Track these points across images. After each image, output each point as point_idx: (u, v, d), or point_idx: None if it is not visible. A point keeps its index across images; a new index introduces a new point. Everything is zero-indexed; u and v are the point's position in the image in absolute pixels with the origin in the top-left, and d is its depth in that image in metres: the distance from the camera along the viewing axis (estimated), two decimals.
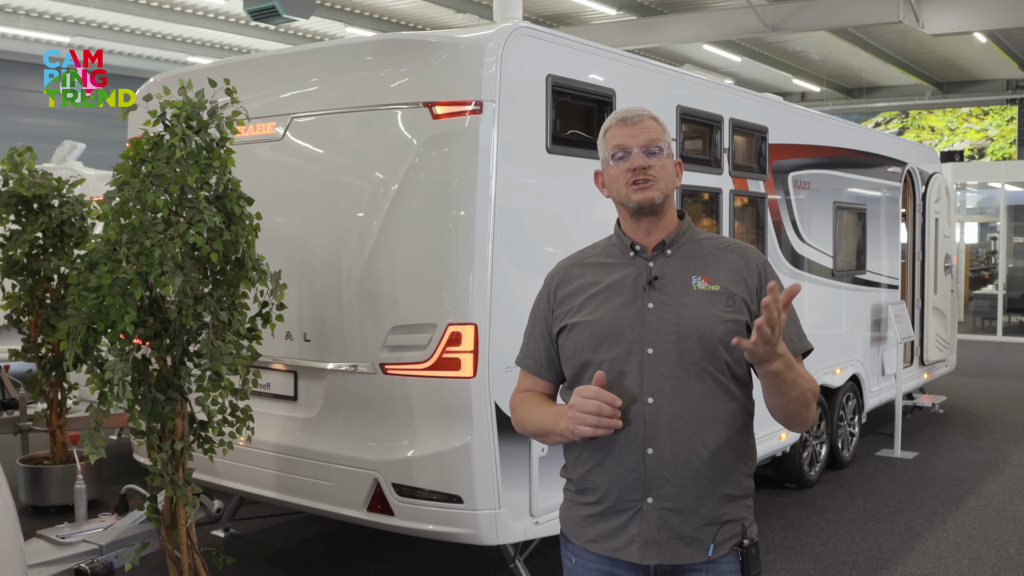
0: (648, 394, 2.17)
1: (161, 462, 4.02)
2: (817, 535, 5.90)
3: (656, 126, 2.30)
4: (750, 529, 2.26)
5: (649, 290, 2.23)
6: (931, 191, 9.30)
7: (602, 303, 2.26)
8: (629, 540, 2.21)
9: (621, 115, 2.32)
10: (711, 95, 5.85)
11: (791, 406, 2.17)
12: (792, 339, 2.25)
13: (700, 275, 2.24)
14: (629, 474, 2.19)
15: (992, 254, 21.06)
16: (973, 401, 10.71)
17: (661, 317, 2.20)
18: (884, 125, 26.03)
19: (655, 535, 2.18)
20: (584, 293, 2.30)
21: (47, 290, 6.05)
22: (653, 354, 2.18)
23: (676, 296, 2.22)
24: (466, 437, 4.05)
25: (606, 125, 2.34)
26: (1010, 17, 14.44)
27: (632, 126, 2.28)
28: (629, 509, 2.20)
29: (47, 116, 17.15)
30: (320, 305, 4.52)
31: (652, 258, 2.28)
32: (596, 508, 2.26)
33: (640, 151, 2.25)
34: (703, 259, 2.28)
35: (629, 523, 2.20)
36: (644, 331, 2.19)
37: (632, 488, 2.19)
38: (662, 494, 2.17)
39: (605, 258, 2.34)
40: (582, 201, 4.53)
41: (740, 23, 15.69)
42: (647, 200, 2.24)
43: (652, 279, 2.24)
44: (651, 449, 2.17)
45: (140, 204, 3.87)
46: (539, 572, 4.92)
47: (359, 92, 4.48)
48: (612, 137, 2.30)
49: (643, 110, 2.33)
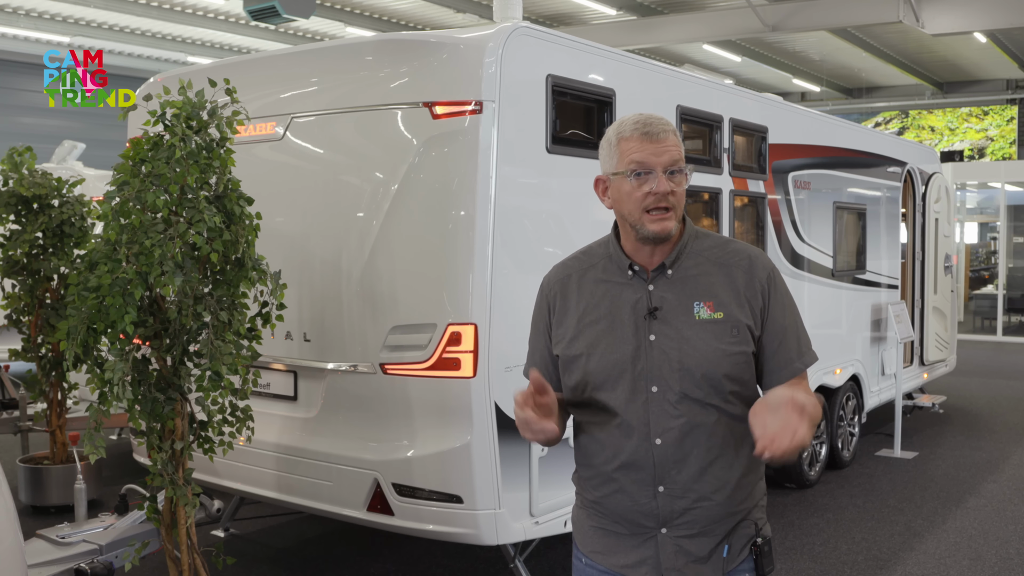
0: (655, 435, 2.11)
1: (161, 462, 4.02)
2: (817, 535, 5.90)
3: (678, 143, 2.12)
4: (764, 528, 2.23)
5: (650, 320, 2.12)
6: (931, 191, 9.30)
7: (603, 334, 2.15)
8: (640, 561, 2.16)
9: (643, 127, 2.10)
10: (711, 95, 5.85)
11: None
12: (792, 358, 2.16)
13: (703, 300, 2.11)
14: (641, 508, 2.15)
15: (992, 254, 21.07)
16: (973, 401, 10.70)
17: (664, 352, 2.10)
18: (884, 125, 26.03)
19: (673, 562, 2.14)
20: (583, 317, 2.18)
21: (47, 290, 6.05)
22: (657, 392, 2.10)
23: (678, 328, 2.10)
24: (466, 437, 4.05)
25: (622, 133, 2.12)
26: (1010, 17, 14.43)
27: (657, 143, 2.08)
28: (643, 534, 2.16)
29: (47, 116, 17.14)
30: (320, 305, 4.52)
31: (652, 280, 2.15)
32: (609, 525, 2.21)
33: (664, 173, 2.07)
34: (706, 278, 2.14)
35: (642, 545, 2.16)
36: (647, 367, 2.10)
37: (645, 519, 2.15)
38: (676, 524, 2.13)
39: (603, 274, 2.20)
40: (582, 201, 4.53)
41: (740, 23, 15.69)
42: (664, 231, 2.10)
43: (653, 309, 2.12)
44: (662, 487, 2.12)
45: (140, 204, 3.87)
46: (539, 572, 4.92)
47: (359, 92, 4.48)
48: (631, 151, 2.09)
49: (665, 122, 2.13)
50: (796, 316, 2.21)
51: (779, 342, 2.16)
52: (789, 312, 2.19)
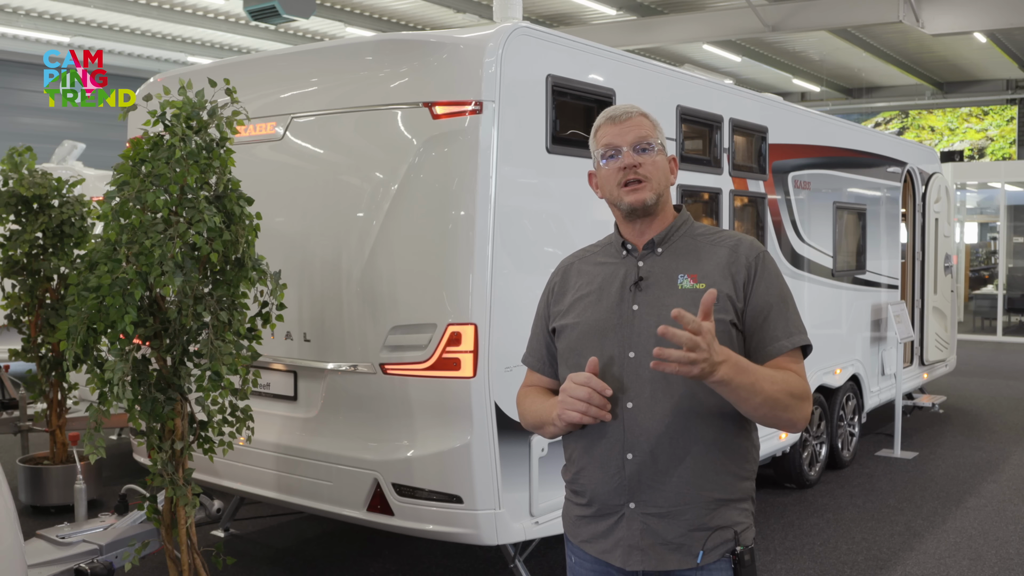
0: (628, 399, 2.13)
1: (161, 462, 4.02)
2: (817, 535, 5.90)
3: (647, 122, 2.23)
4: (744, 535, 2.16)
5: (635, 291, 2.19)
6: (931, 191, 9.30)
7: (591, 305, 2.24)
8: (615, 544, 2.18)
9: (610, 113, 2.26)
10: (711, 95, 5.85)
11: (759, 412, 2.06)
12: (778, 335, 2.14)
13: (687, 273, 2.17)
14: (610, 479, 2.16)
15: (992, 254, 21.08)
16: (973, 401, 10.70)
17: (644, 319, 2.15)
18: (884, 125, 26.03)
19: (638, 540, 2.14)
20: (577, 293, 2.28)
21: (47, 290, 6.05)
22: (635, 357, 2.13)
23: (660, 297, 2.16)
24: (466, 437, 4.05)
25: (596, 124, 2.28)
26: (1010, 17, 14.44)
27: (621, 124, 2.22)
28: (614, 513, 2.18)
29: (47, 116, 17.15)
30: (320, 305, 4.52)
31: (642, 256, 2.23)
32: (587, 510, 2.25)
33: (630, 149, 2.20)
34: (694, 255, 2.21)
35: (615, 527, 2.18)
36: (628, 334, 2.16)
37: (614, 493, 2.16)
38: (644, 499, 2.13)
39: (603, 257, 2.32)
40: (582, 201, 4.52)
41: (740, 23, 15.69)
42: (639, 202, 2.19)
43: (638, 280, 2.20)
44: (631, 454, 2.13)
45: (140, 204, 3.87)
46: (539, 572, 4.92)
47: (359, 92, 4.48)
48: (602, 136, 2.25)
49: (632, 107, 2.27)
50: (785, 296, 2.20)
51: (764, 318, 2.15)
52: (776, 290, 2.18)
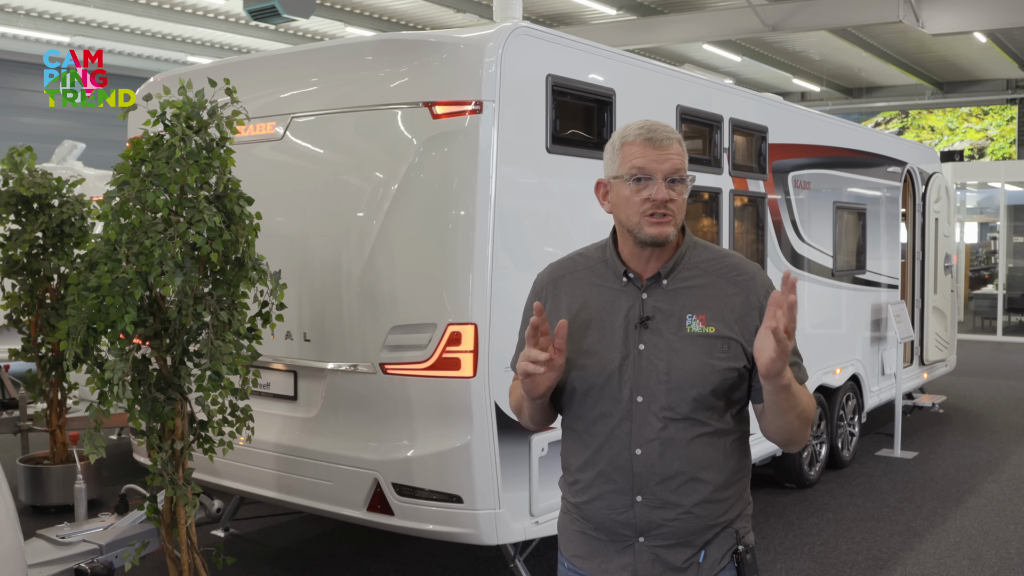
0: (636, 445, 2.08)
1: (161, 462, 4.02)
2: (817, 535, 5.90)
3: (682, 151, 2.10)
4: (746, 536, 2.18)
5: (641, 329, 2.09)
6: (931, 191, 9.30)
7: (592, 340, 2.13)
8: (621, 567, 2.15)
9: (648, 133, 2.09)
10: (711, 95, 5.85)
11: (794, 423, 2.05)
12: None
13: (696, 313, 2.09)
14: (619, 517, 2.13)
15: (992, 254, 21.08)
16: (973, 401, 10.70)
17: (652, 363, 2.07)
18: (884, 125, 26.03)
19: (649, 571, 2.12)
20: (574, 321, 2.14)
21: (47, 290, 6.05)
22: (642, 403, 2.07)
23: (668, 340, 2.08)
24: (466, 437, 4.05)
25: (625, 138, 2.11)
26: (1010, 17, 14.44)
27: (660, 149, 2.06)
28: (621, 542, 2.15)
29: (47, 116, 17.15)
30: (320, 305, 4.52)
31: (646, 288, 2.13)
32: (591, 531, 2.20)
33: (664, 181, 2.06)
34: (701, 291, 2.12)
35: (622, 552, 2.15)
36: (634, 377, 2.08)
37: (623, 528, 2.13)
38: (654, 534, 2.11)
39: (598, 278, 2.18)
40: (582, 201, 4.53)
41: (740, 23, 15.69)
42: (662, 236, 2.07)
43: (644, 319, 2.10)
44: (640, 497, 2.10)
45: (140, 204, 3.87)
46: (539, 572, 4.92)
47: (359, 92, 4.48)
48: (633, 156, 2.08)
49: (670, 130, 2.11)
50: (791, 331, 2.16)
51: None
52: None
